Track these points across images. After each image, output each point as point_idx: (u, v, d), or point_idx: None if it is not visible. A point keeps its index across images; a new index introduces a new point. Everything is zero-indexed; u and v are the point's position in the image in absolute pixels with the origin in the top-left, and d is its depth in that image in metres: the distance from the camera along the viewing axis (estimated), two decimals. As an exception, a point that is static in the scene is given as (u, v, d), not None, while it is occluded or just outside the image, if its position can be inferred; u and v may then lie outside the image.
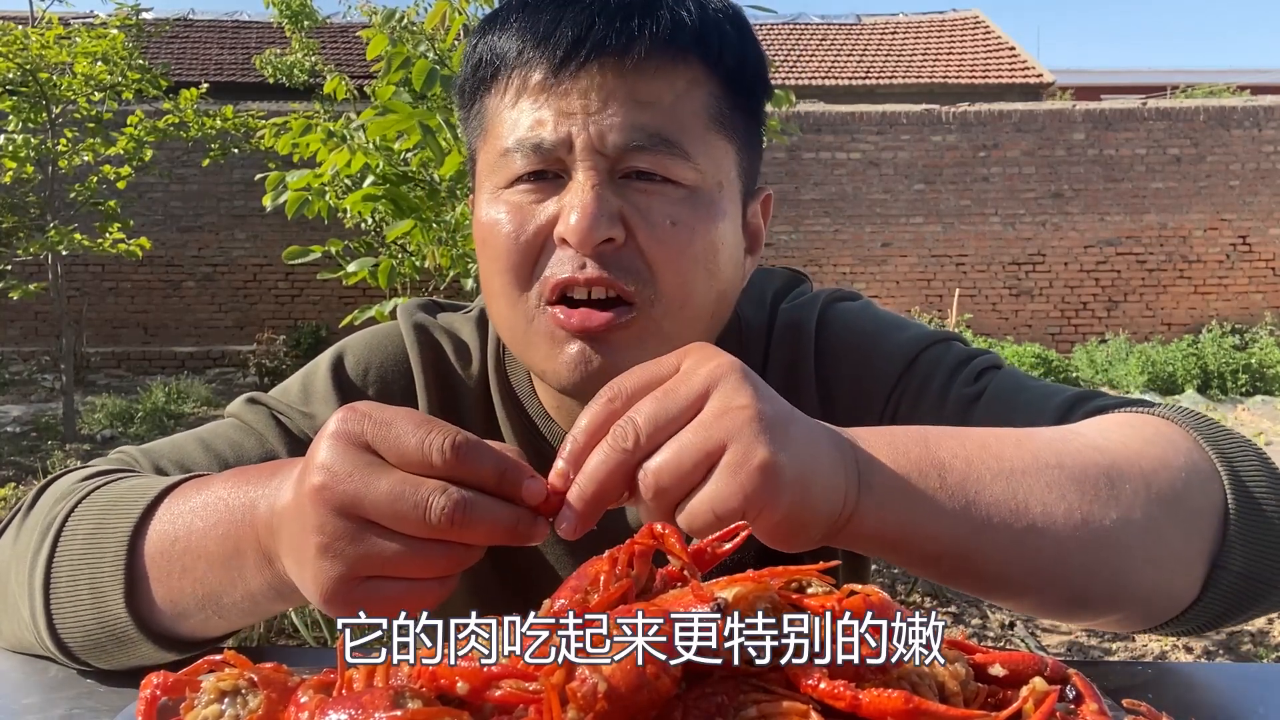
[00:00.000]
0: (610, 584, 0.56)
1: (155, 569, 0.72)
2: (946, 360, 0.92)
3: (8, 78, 7.05)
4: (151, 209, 11.01)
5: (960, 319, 10.88)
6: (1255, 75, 26.27)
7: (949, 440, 0.68)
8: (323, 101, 9.15)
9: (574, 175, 0.80)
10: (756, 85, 0.89)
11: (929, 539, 0.66)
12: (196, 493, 0.73)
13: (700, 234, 0.81)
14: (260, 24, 18.60)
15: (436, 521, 0.56)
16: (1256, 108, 11.44)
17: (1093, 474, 0.69)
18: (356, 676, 0.53)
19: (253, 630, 3.42)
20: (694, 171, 0.81)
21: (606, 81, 0.79)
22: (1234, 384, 9.36)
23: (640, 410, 0.59)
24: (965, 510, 0.66)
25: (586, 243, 0.78)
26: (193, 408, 8.64)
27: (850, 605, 0.53)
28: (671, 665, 0.48)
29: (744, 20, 0.88)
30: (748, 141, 0.88)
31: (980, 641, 2.48)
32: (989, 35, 18.91)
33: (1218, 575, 0.71)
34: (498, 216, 0.82)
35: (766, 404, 0.59)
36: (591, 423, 0.60)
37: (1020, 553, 0.67)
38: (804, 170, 11.41)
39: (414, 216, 3.06)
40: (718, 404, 0.59)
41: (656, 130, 0.79)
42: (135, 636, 0.72)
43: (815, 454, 0.61)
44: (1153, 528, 0.69)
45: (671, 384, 0.60)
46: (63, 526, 0.75)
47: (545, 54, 0.79)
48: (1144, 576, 0.70)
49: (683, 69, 0.81)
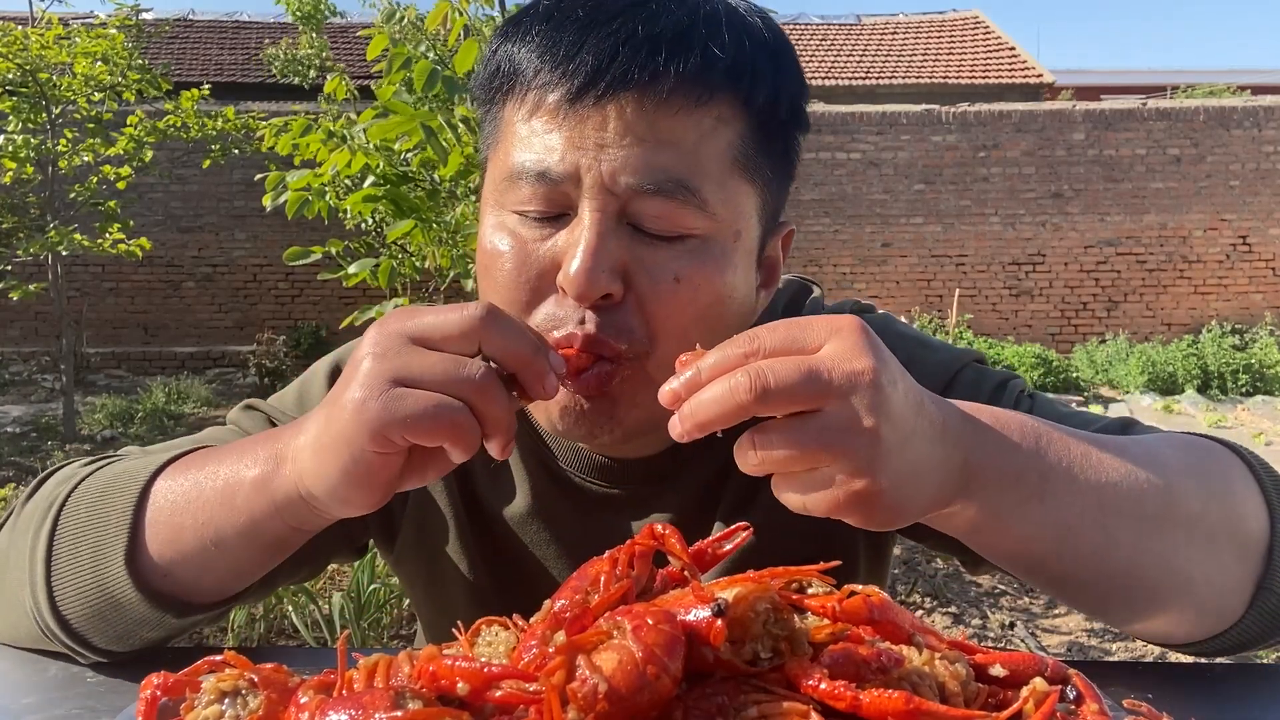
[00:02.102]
0: (611, 584, 0.56)
1: (155, 523, 0.74)
2: (984, 384, 0.92)
3: (8, 78, 7.05)
4: (152, 209, 11.01)
5: (960, 319, 10.88)
6: (1255, 75, 26.27)
7: (1057, 445, 0.69)
8: (325, 101, 9.16)
9: (580, 213, 0.75)
10: (791, 121, 0.83)
11: (1013, 539, 0.69)
12: (202, 455, 0.77)
13: (705, 290, 0.76)
14: (260, 24, 18.60)
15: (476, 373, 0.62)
16: (1256, 108, 11.43)
17: (1170, 491, 0.71)
18: (356, 676, 0.53)
19: (253, 630, 3.42)
20: (709, 220, 0.76)
21: (625, 116, 0.73)
22: (1234, 384, 9.36)
23: (776, 370, 0.57)
24: (1056, 519, 0.68)
25: (584, 297, 0.74)
26: (193, 408, 8.64)
27: (851, 606, 0.53)
28: (671, 666, 0.48)
29: (785, 50, 0.81)
30: (774, 180, 0.83)
31: (980, 642, 2.48)
32: (989, 35, 18.90)
33: (1262, 597, 0.74)
34: (502, 248, 0.78)
35: (891, 426, 0.59)
36: (722, 362, 0.59)
37: (1096, 561, 0.70)
38: (804, 170, 11.33)
39: (414, 217, 3.06)
40: (848, 414, 0.58)
41: (674, 174, 0.74)
42: (132, 596, 0.73)
43: (919, 474, 0.62)
44: (1215, 548, 0.72)
45: (815, 362, 0.58)
46: (65, 502, 0.77)
47: (564, 77, 0.74)
48: (1201, 593, 0.73)
49: (710, 108, 0.75)
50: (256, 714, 0.53)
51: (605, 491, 0.93)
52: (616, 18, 0.74)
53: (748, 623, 0.51)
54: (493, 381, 0.63)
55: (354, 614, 3.40)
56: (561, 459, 0.94)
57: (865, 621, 0.54)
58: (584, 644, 0.49)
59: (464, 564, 0.97)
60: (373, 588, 3.51)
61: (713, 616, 0.50)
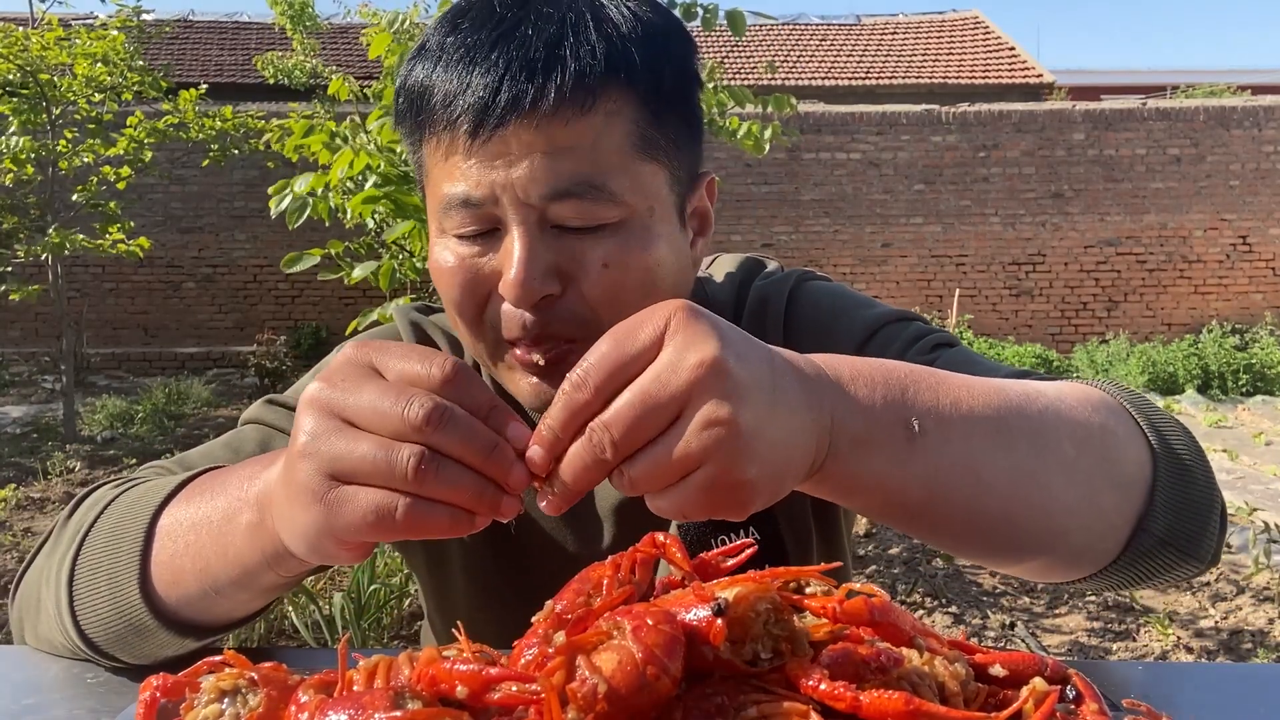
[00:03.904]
0: (613, 589, 0.56)
1: (162, 553, 0.76)
2: (903, 336, 0.96)
3: (8, 79, 7.05)
4: (152, 210, 11.01)
5: (960, 319, 10.88)
6: (1255, 75, 26.27)
7: (926, 392, 0.68)
8: (324, 102, 9.16)
9: (508, 227, 0.81)
10: (681, 89, 0.88)
11: (888, 491, 0.68)
12: (209, 482, 0.78)
13: (634, 268, 0.83)
14: (260, 25, 18.61)
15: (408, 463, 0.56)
16: (1256, 108, 11.43)
17: (1047, 434, 0.72)
18: (357, 678, 0.53)
19: (253, 630, 3.42)
20: (621, 207, 0.82)
21: (522, 137, 0.79)
22: (1234, 384, 9.36)
23: (617, 415, 0.56)
24: (927, 468, 0.67)
25: (524, 301, 0.81)
26: (193, 408, 8.64)
27: (851, 607, 0.53)
28: (671, 666, 0.48)
29: (659, 28, 0.86)
30: (680, 146, 0.87)
31: (980, 641, 2.48)
32: (989, 35, 18.91)
33: (1140, 538, 0.75)
34: (447, 265, 0.85)
35: (748, 408, 0.57)
36: (565, 410, 0.58)
37: (970, 507, 0.70)
38: (804, 170, 11.41)
39: (415, 218, 3.06)
40: (701, 416, 0.56)
41: (578, 176, 0.80)
42: (151, 624, 0.76)
43: (790, 449, 0.60)
44: (1091, 489, 0.73)
45: (649, 383, 0.56)
46: (90, 530, 0.81)
47: (461, 117, 0.80)
48: (1078, 533, 0.74)
49: (598, 106, 0.80)
50: (256, 712, 0.53)
51: None
52: (494, 50, 0.80)
53: (748, 623, 0.51)
54: (432, 470, 0.56)
55: (354, 614, 3.40)
56: None
57: (866, 623, 0.54)
58: (584, 644, 0.49)
59: (464, 541, 1.00)
60: (373, 588, 3.51)
61: (713, 616, 0.50)
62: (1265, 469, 6.32)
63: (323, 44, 11.88)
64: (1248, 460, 6.59)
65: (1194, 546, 0.77)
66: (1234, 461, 6.60)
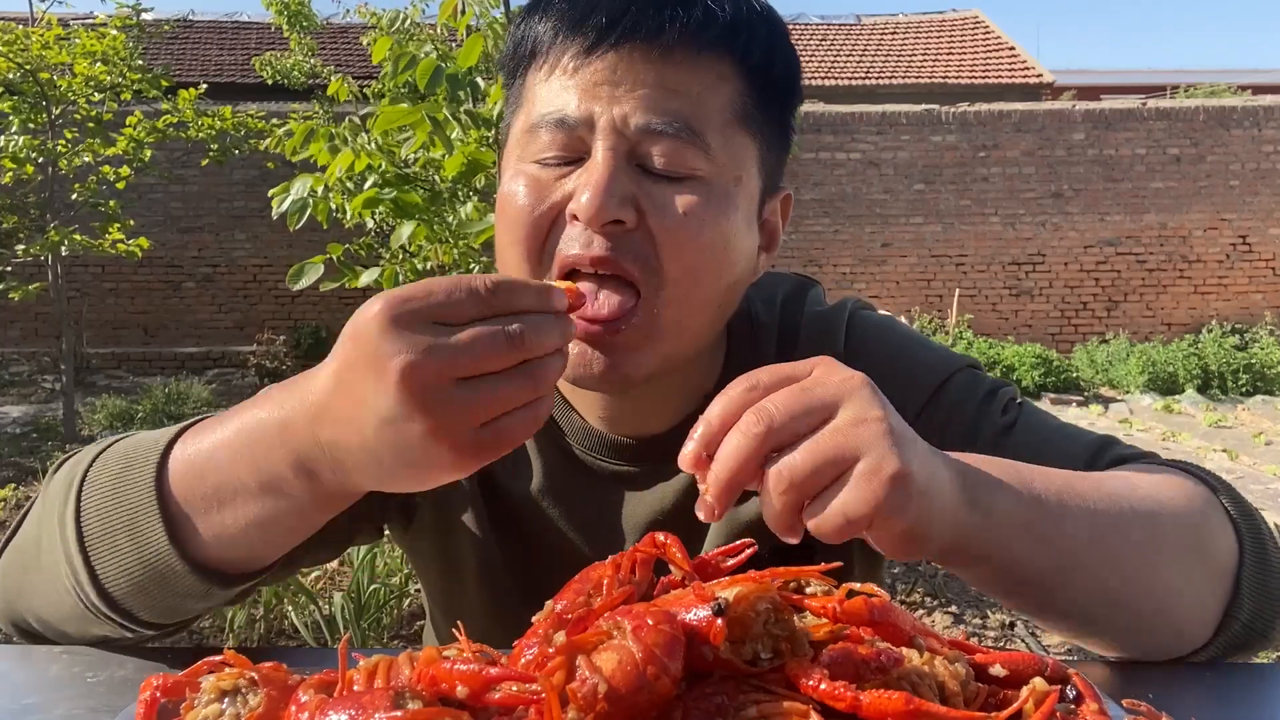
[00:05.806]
0: (613, 589, 0.56)
1: (189, 505, 0.72)
2: (977, 389, 0.96)
3: (8, 78, 7.05)
4: (151, 210, 11.01)
5: (960, 319, 10.88)
6: (1255, 75, 26.28)
7: (1038, 476, 0.73)
8: (322, 103, 9.14)
9: (594, 154, 0.81)
10: (786, 87, 0.89)
11: (1026, 568, 0.71)
12: (214, 428, 0.73)
13: (710, 225, 0.82)
14: (260, 25, 18.60)
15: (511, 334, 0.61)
16: (1256, 108, 11.43)
17: (1153, 523, 0.76)
18: (357, 678, 0.53)
19: (253, 630, 3.42)
20: (711, 163, 0.82)
21: (634, 65, 0.80)
22: (1234, 384, 9.36)
23: (776, 400, 0.61)
24: (1058, 544, 0.71)
25: (596, 219, 0.79)
26: (193, 408, 8.63)
27: (852, 607, 0.53)
28: (671, 666, 0.48)
29: (779, 23, 0.89)
30: (772, 141, 0.89)
31: (980, 641, 2.48)
32: (989, 35, 18.90)
33: (1228, 623, 0.78)
34: (516, 189, 0.84)
35: (896, 419, 0.62)
36: (726, 407, 0.62)
37: (1095, 589, 0.74)
38: (804, 170, 11.41)
39: (416, 219, 3.05)
40: (852, 413, 0.61)
41: (679, 117, 0.80)
42: (180, 569, 0.72)
43: (936, 471, 0.64)
44: (1192, 575, 0.77)
45: (809, 383, 0.62)
46: (83, 481, 0.76)
47: (579, 36, 0.82)
48: (1180, 617, 0.77)
49: (711, 62, 0.82)
50: (256, 712, 0.53)
51: (617, 469, 0.96)
52: None
53: (748, 622, 0.51)
54: (530, 332, 0.62)
55: (354, 614, 3.40)
56: (572, 437, 0.97)
57: (866, 623, 0.54)
58: (584, 644, 0.49)
59: (477, 541, 0.98)
60: (373, 588, 3.51)
61: (713, 616, 0.50)
62: (1265, 469, 6.32)
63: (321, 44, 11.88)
64: (1248, 460, 6.59)
65: (1272, 630, 0.80)
66: (1234, 461, 6.60)
